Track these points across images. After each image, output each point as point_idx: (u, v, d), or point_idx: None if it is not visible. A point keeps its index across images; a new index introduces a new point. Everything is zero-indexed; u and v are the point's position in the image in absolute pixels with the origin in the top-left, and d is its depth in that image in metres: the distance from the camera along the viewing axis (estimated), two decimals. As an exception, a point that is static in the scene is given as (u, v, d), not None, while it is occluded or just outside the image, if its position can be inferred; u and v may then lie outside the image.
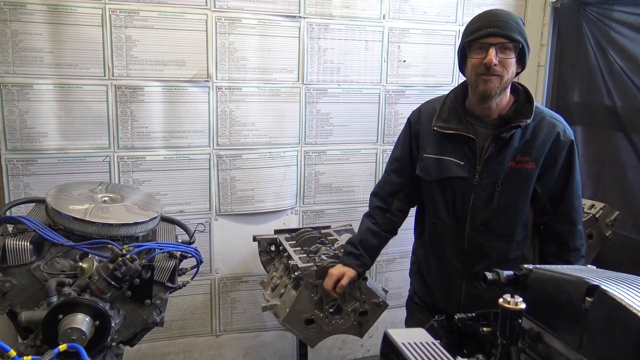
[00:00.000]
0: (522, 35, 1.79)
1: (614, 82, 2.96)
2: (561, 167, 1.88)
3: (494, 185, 1.87)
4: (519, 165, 1.85)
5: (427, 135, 1.99)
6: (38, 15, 2.45)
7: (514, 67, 1.81)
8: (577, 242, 1.94)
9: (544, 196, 1.91)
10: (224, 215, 2.95)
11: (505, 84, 1.81)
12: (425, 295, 2.13)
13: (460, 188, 1.91)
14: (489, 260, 1.92)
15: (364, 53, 3.03)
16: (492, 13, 1.82)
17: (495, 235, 1.91)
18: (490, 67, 1.75)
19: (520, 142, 1.85)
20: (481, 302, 1.87)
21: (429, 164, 1.98)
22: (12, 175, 2.54)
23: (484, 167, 1.87)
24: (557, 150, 1.86)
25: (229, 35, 2.76)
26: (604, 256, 2.76)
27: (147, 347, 2.91)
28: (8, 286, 1.62)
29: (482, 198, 1.89)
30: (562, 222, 1.93)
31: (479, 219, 1.90)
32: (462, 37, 1.87)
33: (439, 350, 1.07)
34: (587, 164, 3.17)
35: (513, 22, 1.78)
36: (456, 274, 1.98)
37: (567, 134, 1.88)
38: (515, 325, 1.01)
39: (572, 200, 1.92)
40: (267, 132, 2.93)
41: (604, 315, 0.91)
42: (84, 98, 2.59)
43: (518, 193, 1.88)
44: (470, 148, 1.88)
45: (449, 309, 1.97)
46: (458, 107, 1.94)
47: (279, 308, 2.24)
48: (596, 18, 3.04)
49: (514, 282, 1.14)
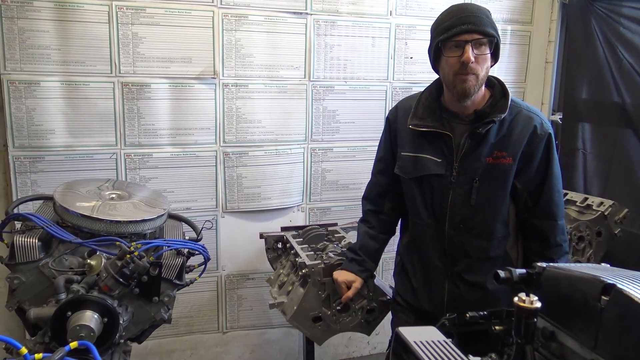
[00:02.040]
0: (494, 28, 1.77)
1: (623, 78, 2.93)
2: (539, 162, 1.84)
3: (471, 181, 1.84)
4: (496, 160, 1.82)
5: (403, 133, 1.97)
6: (45, 12, 2.45)
7: (489, 62, 1.79)
8: (558, 237, 1.89)
9: (524, 192, 1.87)
10: (231, 213, 2.94)
11: (482, 81, 1.79)
12: (408, 296, 2.07)
13: (438, 185, 1.89)
14: (469, 259, 1.90)
15: (370, 50, 3.02)
16: (463, 8, 1.78)
17: (475, 233, 1.88)
18: (468, 65, 1.73)
19: (497, 137, 1.82)
20: (464, 303, 1.88)
21: (407, 162, 1.96)
22: (20, 172, 2.55)
23: (460, 163, 1.84)
24: (534, 144, 1.82)
25: (236, 32, 2.75)
26: (613, 254, 2.73)
27: (154, 344, 2.92)
28: (17, 283, 1.62)
29: (460, 195, 1.86)
30: (542, 218, 1.88)
31: (458, 216, 1.87)
32: (434, 35, 1.83)
33: (450, 348, 1.06)
34: (596, 161, 3.15)
35: (485, 17, 1.76)
36: (438, 274, 1.95)
37: (545, 127, 1.84)
38: (531, 324, 0.99)
39: (551, 194, 1.87)
40: (273, 129, 2.92)
41: (620, 314, 0.90)
42: (90, 95, 2.59)
43: (496, 189, 1.85)
44: (446, 145, 1.86)
45: (432, 309, 1.97)
46: (433, 103, 1.91)
47: (287, 306, 2.23)
48: (605, 14, 3.02)
49: (527, 281, 1.13)
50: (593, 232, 2.64)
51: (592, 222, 2.63)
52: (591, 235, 2.63)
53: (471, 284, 1.91)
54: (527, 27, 3.31)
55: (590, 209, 2.69)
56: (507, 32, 3.26)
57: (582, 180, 3.19)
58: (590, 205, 2.71)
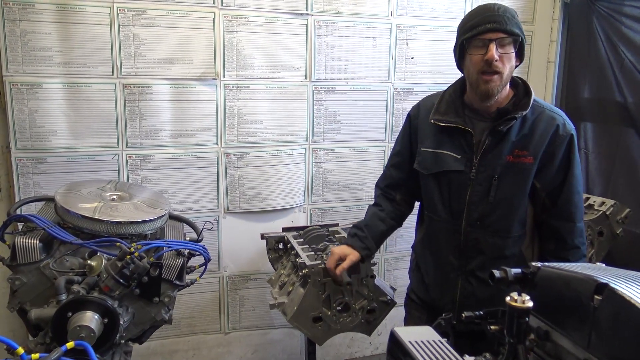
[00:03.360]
0: (519, 28, 1.77)
1: (625, 77, 2.93)
2: (560, 162, 1.84)
3: (490, 179, 1.84)
4: (516, 159, 1.82)
5: (425, 129, 1.99)
6: (47, 14, 2.47)
7: (513, 62, 1.79)
8: (576, 239, 1.88)
9: (543, 192, 1.87)
10: (232, 213, 2.95)
11: (506, 80, 1.80)
12: (422, 292, 2.11)
13: (456, 182, 1.90)
14: (483, 257, 1.90)
15: (371, 50, 3.02)
16: (489, 8, 1.79)
17: (491, 231, 1.88)
18: (492, 63, 1.73)
19: (518, 135, 1.82)
20: (476, 300, 1.90)
21: (426, 157, 1.97)
22: (22, 173, 2.56)
23: (480, 160, 1.85)
24: (555, 144, 1.82)
25: (237, 33, 2.76)
26: (615, 254, 2.73)
27: (156, 345, 2.93)
28: (18, 284, 1.63)
29: (478, 192, 1.87)
30: (560, 219, 1.88)
31: (475, 213, 1.88)
32: (459, 34, 1.85)
33: (445, 348, 1.06)
34: (598, 160, 3.14)
35: (510, 16, 1.76)
36: (452, 270, 1.96)
37: (567, 127, 1.84)
38: (523, 324, 1.00)
39: (571, 196, 1.86)
40: (275, 130, 2.93)
41: (613, 313, 0.90)
42: (92, 97, 2.60)
43: (515, 188, 1.85)
44: (467, 141, 1.87)
45: (445, 306, 1.98)
46: (456, 100, 1.93)
47: (287, 306, 2.24)
48: (607, 13, 3.01)
49: (522, 280, 1.13)
50: (595, 232, 2.63)
51: (594, 221, 2.63)
52: (593, 235, 2.63)
53: (484, 282, 1.90)
54: (529, 27, 3.30)
55: (592, 209, 2.69)
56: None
57: (585, 179, 3.18)
58: (592, 204, 2.71)
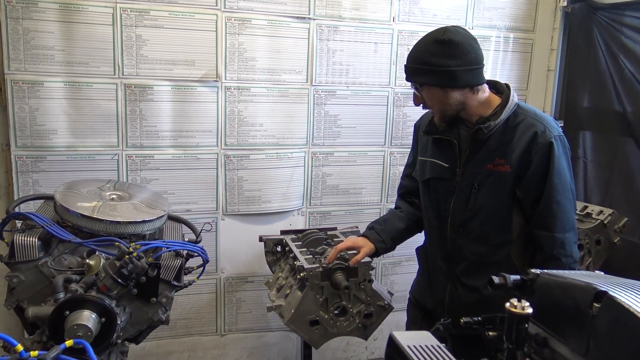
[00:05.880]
0: (426, 71, 1.80)
1: (625, 87, 2.94)
2: (537, 170, 1.80)
3: (471, 187, 1.89)
4: (495, 167, 1.84)
5: (423, 139, 2.08)
6: (50, 13, 2.47)
7: (439, 94, 1.82)
8: (555, 250, 1.82)
9: (527, 200, 1.85)
10: (231, 215, 2.95)
11: (447, 111, 1.86)
12: (417, 294, 2.23)
13: (443, 189, 1.98)
14: (466, 262, 1.96)
15: (373, 55, 3.03)
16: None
17: (472, 237, 1.93)
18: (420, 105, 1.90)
19: (499, 143, 1.84)
20: (462, 305, 1.96)
21: (421, 166, 2.09)
22: (22, 171, 2.56)
23: (463, 168, 1.91)
24: (532, 151, 1.79)
25: (239, 36, 2.76)
26: (612, 263, 2.73)
27: (152, 345, 2.92)
28: (16, 282, 1.62)
29: (461, 199, 1.93)
30: (540, 228, 1.85)
31: (458, 220, 1.95)
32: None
33: (444, 353, 1.06)
34: (596, 169, 3.15)
35: (415, 64, 1.83)
36: (441, 274, 2.05)
37: (547, 134, 1.79)
38: (522, 330, 1.00)
39: (549, 204, 1.81)
40: (275, 132, 2.93)
41: (612, 321, 0.90)
42: (93, 96, 2.60)
43: (494, 195, 1.86)
44: (452, 150, 1.94)
45: (434, 308, 2.08)
46: None
47: (284, 309, 2.24)
48: (607, 23, 3.02)
49: (521, 287, 1.13)
50: (592, 241, 2.64)
51: (592, 230, 2.63)
52: (590, 244, 2.63)
53: (468, 287, 1.97)
54: (529, 35, 3.31)
55: (589, 218, 2.70)
56: (509, 39, 3.27)
57: (583, 188, 3.20)
58: (590, 213, 2.72)
